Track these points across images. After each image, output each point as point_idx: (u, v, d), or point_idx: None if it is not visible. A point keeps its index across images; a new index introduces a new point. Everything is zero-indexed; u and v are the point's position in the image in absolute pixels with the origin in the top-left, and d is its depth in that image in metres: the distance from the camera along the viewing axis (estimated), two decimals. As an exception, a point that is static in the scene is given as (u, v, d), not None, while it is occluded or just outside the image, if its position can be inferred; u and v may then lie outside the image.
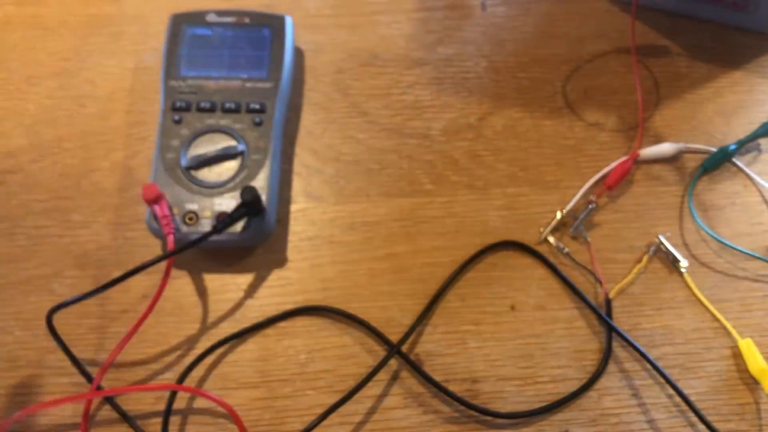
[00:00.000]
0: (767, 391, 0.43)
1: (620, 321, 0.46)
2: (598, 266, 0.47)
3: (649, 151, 0.50)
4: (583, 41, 0.55)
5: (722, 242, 0.47)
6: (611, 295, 0.46)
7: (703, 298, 0.46)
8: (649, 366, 0.44)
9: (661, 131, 0.51)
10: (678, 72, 0.53)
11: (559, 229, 0.48)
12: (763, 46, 0.54)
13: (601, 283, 0.46)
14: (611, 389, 0.44)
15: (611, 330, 0.45)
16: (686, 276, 0.47)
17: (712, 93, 0.53)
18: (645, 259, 0.47)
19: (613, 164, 0.49)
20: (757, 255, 0.47)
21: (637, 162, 0.50)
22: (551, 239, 0.47)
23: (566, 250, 0.47)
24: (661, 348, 0.45)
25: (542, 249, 0.47)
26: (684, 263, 0.46)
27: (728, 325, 0.45)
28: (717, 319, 0.46)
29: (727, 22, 0.54)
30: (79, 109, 0.52)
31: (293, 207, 0.49)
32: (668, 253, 0.47)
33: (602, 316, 0.45)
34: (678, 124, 0.52)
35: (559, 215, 0.48)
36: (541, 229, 0.48)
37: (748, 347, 0.44)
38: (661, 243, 0.47)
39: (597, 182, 0.49)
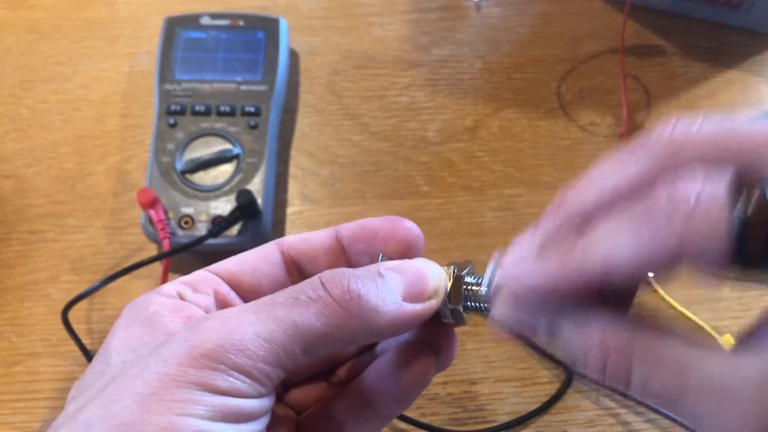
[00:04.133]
0: None
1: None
2: None
3: None
4: (577, 41, 0.55)
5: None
6: None
7: (675, 304, 0.46)
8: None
9: (657, 131, 0.51)
10: (673, 71, 0.53)
11: None
12: (758, 44, 0.54)
13: None
14: (608, 390, 0.44)
15: (571, 374, 0.44)
16: (655, 284, 0.46)
17: (707, 92, 0.53)
18: None
19: None
20: None
21: None
22: None
23: None
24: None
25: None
26: (650, 272, 0.45)
27: (706, 326, 0.45)
28: (694, 322, 0.45)
29: (722, 21, 0.54)
30: (73, 113, 0.52)
31: (289, 210, 0.49)
32: None
33: (565, 365, 0.44)
34: (673, 123, 0.52)
35: None
36: None
37: (728, 344, 0.44)
38: None
39: None
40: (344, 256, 0.27)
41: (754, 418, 0.18)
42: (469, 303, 0.25)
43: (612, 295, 0.22)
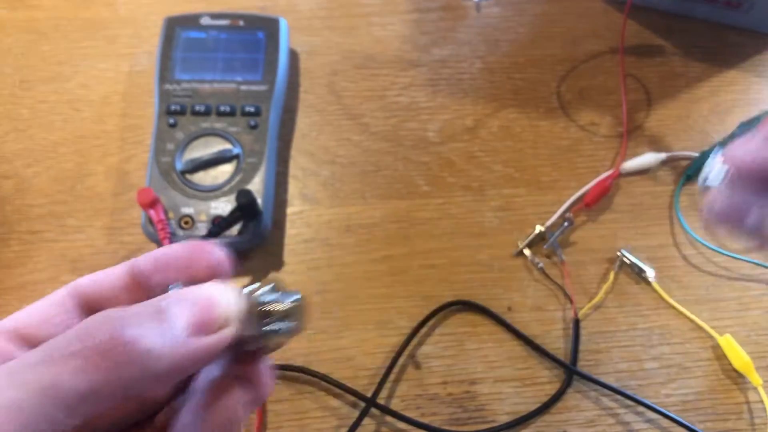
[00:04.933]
0: (755, 384, 0.43)
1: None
2: (571, 284, 0.46)
3: (631, 165, 0.49)
4: (577, 41, 0.55)
5: (709, 247, 0.47)
6: (580, 315, 0.45)
7: (675, 304, 0.46)
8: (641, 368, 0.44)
9: (656, 131, 0.51)
10: (673, 71, 0.53)
11: (537, 243, 0.48)
12: (758, 44, 0.54)
13: (571, 301, 0.46)
14: (608, 390, 0.44)
15: (571, 374, 0.44)
16: (655, 284, 0.46)
17: (708, 92, 0.53)
18: (612, 275, 0.46)
19: (595, 181, 0.49)
20: (741, 257, 0.47)
21: (621, 174, 0.50)
22: (527, 252, 0.47)
23: (540, 264, 0.47)
24: (654, 350, 0.45)
25: (517, 263, 0.47)
26: (650, 273, 0.46)
27: (706, 327, 0.45)
28: (693, 321, 0.45)
29: (722, 21, 0.54)
30: (73, 114, 0.52)
31: (289, 210, 0.49)
32: (633, 265, 0.47)
33: (565, 365, 0.44)
34: (673, 123, 0.52)
35: (538, 229, 0.47)
36: (519, 242, 0.47)
37: (728, 344, 0.44)
38: (624, 257, 0.47)
39: (579, 198, 0.49)
40: (144, 291, 0.24)
41: None
42: (268, 327, 0.22)
43: None
